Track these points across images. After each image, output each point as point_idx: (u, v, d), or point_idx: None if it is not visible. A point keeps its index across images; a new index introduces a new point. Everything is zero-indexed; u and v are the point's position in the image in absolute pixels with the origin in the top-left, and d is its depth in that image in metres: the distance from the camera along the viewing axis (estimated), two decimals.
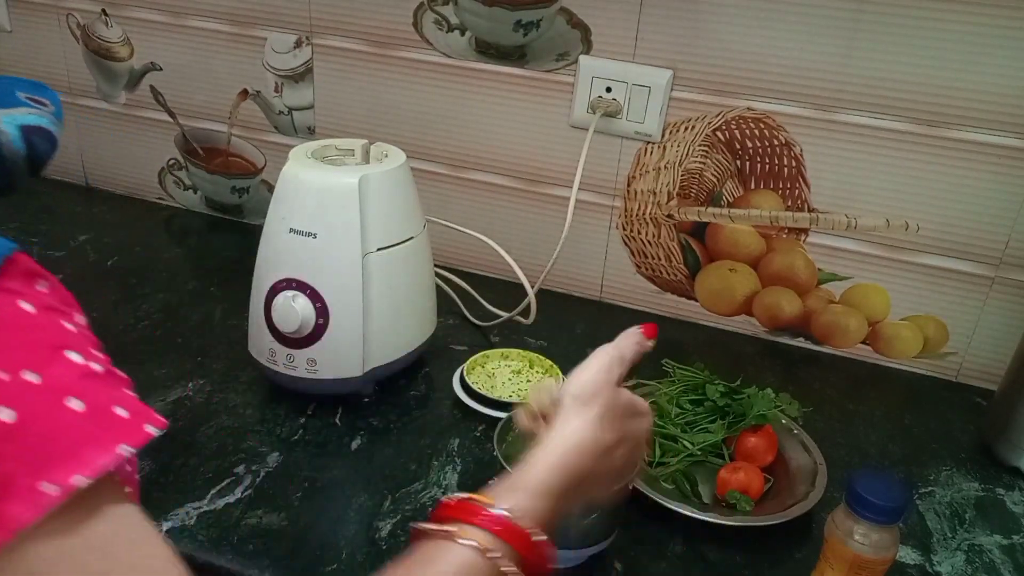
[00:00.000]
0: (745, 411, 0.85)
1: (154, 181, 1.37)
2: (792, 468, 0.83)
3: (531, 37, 1.06)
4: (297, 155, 0.87)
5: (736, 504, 0.77)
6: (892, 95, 0.95)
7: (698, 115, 1.04)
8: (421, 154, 1.17)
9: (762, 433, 0.84)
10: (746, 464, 0.81)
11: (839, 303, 1.08)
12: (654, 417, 0.85)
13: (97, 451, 0.40)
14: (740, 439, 0.84)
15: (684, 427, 0.86)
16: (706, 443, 0.84)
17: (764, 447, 0.83)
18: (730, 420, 0.86)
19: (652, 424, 0.63)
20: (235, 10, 1.18)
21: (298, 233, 0.83)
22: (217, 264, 1.22)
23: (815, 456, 0.84)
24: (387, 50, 1.13)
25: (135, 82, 1.30)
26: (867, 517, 0.62)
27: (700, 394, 0.90)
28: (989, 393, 1.01)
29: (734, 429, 0.85)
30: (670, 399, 0.89)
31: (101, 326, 0.48)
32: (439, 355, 1.00)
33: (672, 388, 0.91)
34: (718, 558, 0.74)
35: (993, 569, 0.76)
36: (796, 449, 0.86)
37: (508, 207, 1.17)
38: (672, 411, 0.87)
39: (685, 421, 0.87)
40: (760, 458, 0.83)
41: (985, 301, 1.02)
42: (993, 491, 0.87)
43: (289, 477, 0.79)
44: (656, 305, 1.17)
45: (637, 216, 1.12)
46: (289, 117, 1.23)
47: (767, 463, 0.83)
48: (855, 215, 1.03)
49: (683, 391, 0.91)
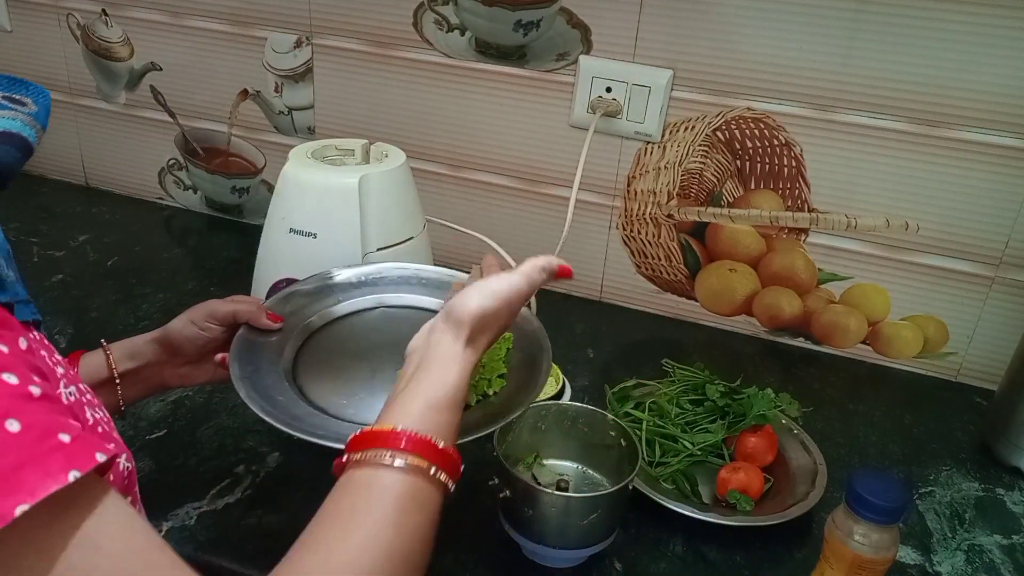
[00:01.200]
0: (745, 411, 0.85)
1: (154, 181, 1.37)
2: (792, 468, 0.83)
3: (531, 37, 1.06)
4: (297, 155, 0.87)
5: (736, 504, 0.77)
6: (892, 95, 0.95)
7: (698, 115, 1.04)
8: (421, 154, 1.17)
9: (762, 433, 0.84)
10: (746, 464, 0.81)
11: (839, 303, 1.08)
12: (654, 417, 0.85)
13: (38, 475, 0.36)
14: (740, 439, 0.84)
15: (684, 427, 0.86)
16: (706, 443, 0.84)
17: (764, 447, 0.83)
18: (730, 420, 0.86)
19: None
20: (235, 10, 1.18)
21: (298, 233, 0.83)
22: (217, 264, 1.22)
23: (815, 456, 0.84)
24: (387, 50, 1.13)
25: (135, 82, 1.30)
26: (867, 517, 0.62)
27: (700, 394, 0.90)
28: (989, 393, 1.01)
29: (734, 429, 0.85)
30: (670, 399, 0.89)
31: (101, 326, 0.48)
32: None
33: (672, 388, 0.91)
34: (718, 558, 0.74)
35: (993, 569, 0.76)
36: (796, 449, 0.86)
37: (508, 207, 1.17)
38: (672, 411, 0.87)
39: (685, 421, 0.87)
40: (760, 458, 0.83)
41: (985, 301, 1.02)
42: (993, 491, 0.87)
43: (289, 477, 0.79)
44: (656, 305, 1.17)
45: (637, 216, 1.12)
46: (289, 117, 1.23)
47: (767, 463, 0.83)
48: (855, 215, 1.03)
49: (683, 391, 0.91)
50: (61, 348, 0.95)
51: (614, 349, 1.09)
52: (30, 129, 0.46)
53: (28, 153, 0.46)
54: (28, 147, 0.46)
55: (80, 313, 1.02)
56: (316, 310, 0.76)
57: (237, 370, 0.66)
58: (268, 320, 0.71)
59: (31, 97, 0.48)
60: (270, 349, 0.70)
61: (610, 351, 1.07)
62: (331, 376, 0.70)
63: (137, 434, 0.83)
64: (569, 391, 0.93)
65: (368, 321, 0.77)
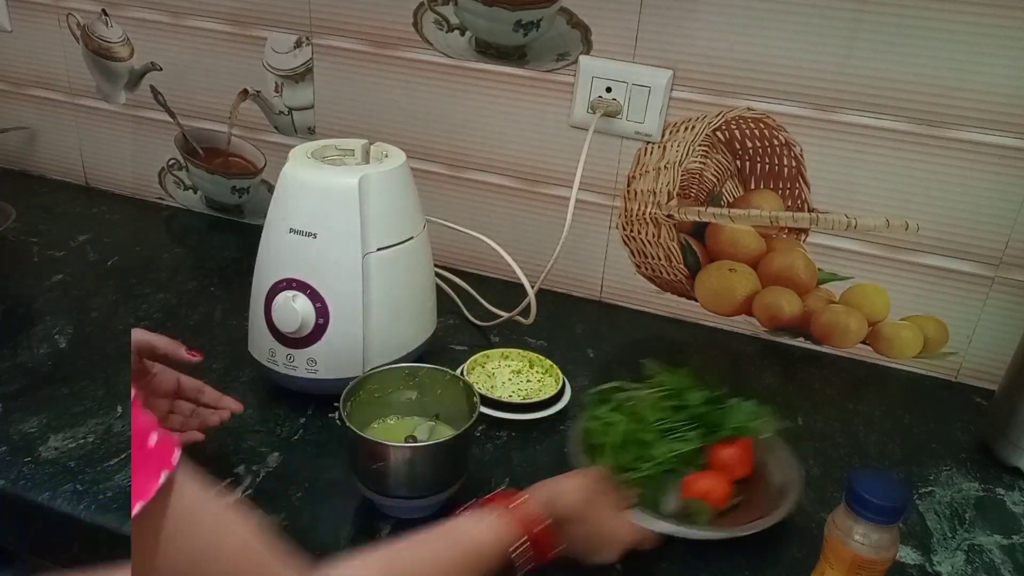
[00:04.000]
0: (723, 421, 0.81)
1: (154, 181, 1.37)
2: (771, 482, 0.80)
3: (531, 37, 1.06)
4: (297, 155, 0.87)
5: (693, 514, 0.75)
6: (892, 95, 0.95)
7: (698, 115, 1.04)
8: (421, 154, 1.17)
9: (738, 444, 0.80)
10: (713, 472, 0.78)
11: (839, 303, 1.08)
12: (630, 421, 0.82)
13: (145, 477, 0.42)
14: (714, 449, 0.80)
15: (661, 434, 0.81)
16: (679, 451, 0.79)
17: (738, 459, 0.80)
18: (708, 429, 0.81)
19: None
20: (235, 10, 1.18)
21: (298, 233, 0.83)
22: (217, 264, 1.22)
23: (795, 471, 0.80)
24: (387, 50, 1.13)
25: (135, 82, 1.30)
26: (867, 517, 0.62)
27: (682, 400, 0.85)
28: (989, 393, 1.01)
29: (710, 438, 0.80)
30: (652, 404, 0.84)
31: (101, 326, 0.48)
32: (439, 355, 1.00)
33: (654, 392, 0.86)
34: (718, 558, 0.74)
35: (993, 569, 0.76)
36: (777, 463, 0.82)
37: (508, 207, 1.17)
38: (651, 416, 0.82)
39: (663, 428, 0.81)
40: (734, 470, 0.79)
41: (985, 301, 1.02)
42: (993, 491, 0.87)
43: (289, 477, 0.79)
44: (656, 305, 1.17)
45: (637, 216, 1.12)
46: (289, 117, 1.23)
47: (741, 475, 0.80)
48: (855, 215, 1.03)
49: (665, 396, 0.85)
50: (61, 348, 0.95)
51: (614, 349, 1.09)
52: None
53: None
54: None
55: (80, 313, 1.02)
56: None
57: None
58: (186, 354, 0.77)
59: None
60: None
61: (610, 351, 1.07)
62: None
63: None
64: (569, 391, 0.93)
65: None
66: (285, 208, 0.84)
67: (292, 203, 0.84)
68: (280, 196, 0.85)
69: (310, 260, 0.83)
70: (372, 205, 0.83)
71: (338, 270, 0.83)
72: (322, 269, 0.83)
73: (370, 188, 0.83)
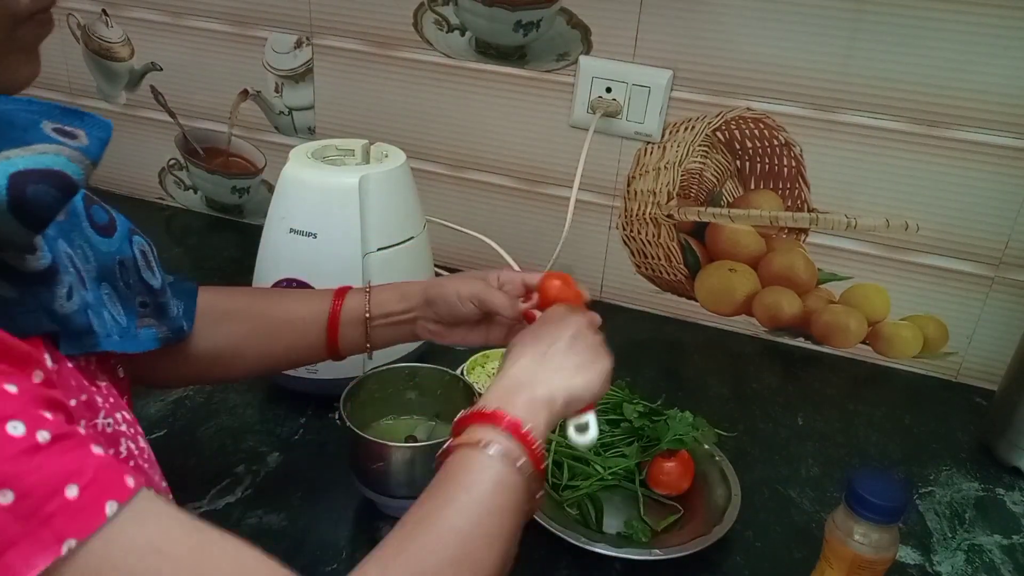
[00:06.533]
0: (661, 435, 0.79)
1: (154, 181, 1.37)
2: (708, 498, 0.78)
3: (531, 37, 1.06)
4: (297, 155, 0.87)
5: (632, 535, 0.74)
6: (892, 95, 0.95)
7: (698, 115, 1.04)
8: (421, 154, 1.17)
9: (678, 459, 0.79)
10: (679, 455, 0.78)
11: (839, 303, 1.08)
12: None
13: (26, 552, 0.35)
14: (653, 464, 0.79)
15: (598, 449, 0.80)
16: (618, 467, 0.79)
17: (679, 473, 0.78)
18: (645, 443, 0.80)
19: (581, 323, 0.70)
20: (235, 10, 1.18)
21: (298, 233, 0.83)
22: (217, 264, 1.22)
23: (732, 487, 0.78)
24: (387, 50, 1.13)
25: (135, 82, 1.30)
26: (867, 517, 0.61)
27: (619, 414, 0.83)
28: (989, 393, 1.01)
29: (649, 453, 0.79)
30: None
31: None
32: (439, 355, 0.99)
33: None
34: (718, 558, 0.74)
35: (993, 569, 0.76)
36: (715, 477, 0.80)
37: (508, 207, 1.17)
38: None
39: (600, 443, 0.80)
40: (674, 485, 0.78)
41: (985, 301, 1.02)
42: (993, 491, 0.87)
43: (289, 477, 0.79)
44: (656, 305, 1.17)
45: (637, 216, 1.12)
46: (289, 117, 1.23)
47: (682, 491, 0.79)
48: (855, 215, 1.03)
49: (601, 410, 0.83)
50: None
51: (614, 349, 1.07)
52: (75, 165, 0.41)
53: (70, 191, 0.41)
54: (70, 184, 0.41)
55: None
56: None
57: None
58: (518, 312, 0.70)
59: (85, 129, 0.44)
60: None
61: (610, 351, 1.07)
62: None
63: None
64: None
65: None
66: (285, 208, 0.84)
67: (292, 203, 0.84)
68: (280, 196, 0.85)
69: (310, 260, 0.83)
70: (372, 205, 0.84)
71: (338, 270, 0.83)
72: (322, 269, 0.83)
73: (370, 188, 0.83)
